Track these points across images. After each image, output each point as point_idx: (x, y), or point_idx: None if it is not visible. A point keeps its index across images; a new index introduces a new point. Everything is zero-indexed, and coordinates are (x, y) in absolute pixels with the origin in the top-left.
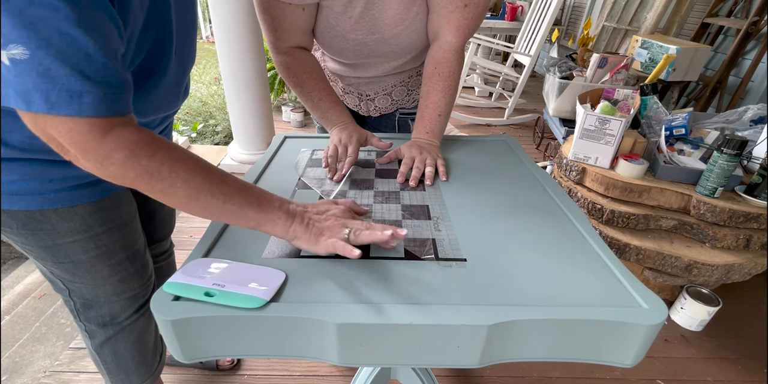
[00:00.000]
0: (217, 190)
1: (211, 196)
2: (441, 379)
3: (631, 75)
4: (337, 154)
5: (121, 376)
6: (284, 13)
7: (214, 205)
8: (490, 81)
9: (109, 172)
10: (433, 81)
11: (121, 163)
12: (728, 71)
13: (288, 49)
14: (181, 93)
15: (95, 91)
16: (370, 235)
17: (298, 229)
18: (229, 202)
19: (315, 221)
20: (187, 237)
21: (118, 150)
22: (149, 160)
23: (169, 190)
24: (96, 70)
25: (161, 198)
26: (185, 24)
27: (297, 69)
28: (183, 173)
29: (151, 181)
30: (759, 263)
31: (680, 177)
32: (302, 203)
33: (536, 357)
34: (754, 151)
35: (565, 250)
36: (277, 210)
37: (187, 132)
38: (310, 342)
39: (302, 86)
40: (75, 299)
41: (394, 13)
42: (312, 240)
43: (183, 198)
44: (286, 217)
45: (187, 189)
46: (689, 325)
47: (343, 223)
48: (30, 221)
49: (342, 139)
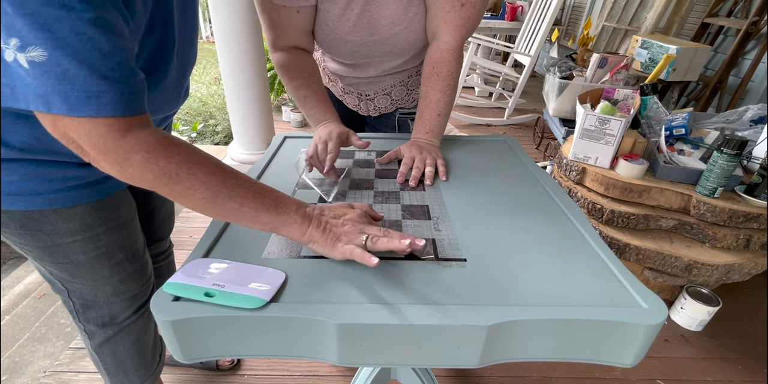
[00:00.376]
0: (235, 193)
1: (229, 199)
2: (441, 379)
3: (631, 75)
4: (317, 153)
5: (120, 376)
6: (280, 15)
7: (231, 207)
8: (490, 81)
9: (128, 174)
10: (431, 81)
11: (140, 165)
12: (728, 71)
13: (285, 47)
14: (181, 95)
15: (113, 90)
16: (388, 242)
17: (314, 233)
18: (246, 205)
19: (332, 226)
20: (187, 237)
21: (136, 151)
22: (167, 162)
23: (187, 192)
24: (112, 69)
25: (179, 200)
26: (187, 27)
27: (290, 67)
28: (202, 176)
29: (170, 183)
30: (759, 263)
31: (680, 177)
32: (319, 206)
33: (536, 357)
34: (754, 151)
35: (565, 250)
36: (294, 213)
37: (187, 132)
38: (310, 342)
39: (292, 84)
40: (74, 300)
41: (392, 14)
42: (329, 245)
43: (201, 200)
44: (302, 221)
45: (206, 191)
46: (689, 325)
47: (361, 229)
48: (29, 222)
49: (322, 137)
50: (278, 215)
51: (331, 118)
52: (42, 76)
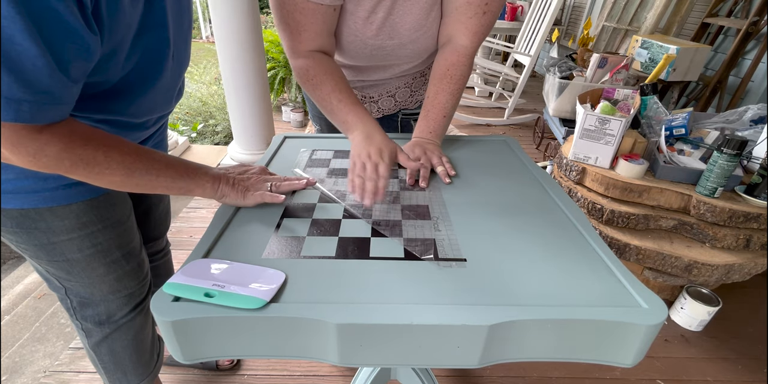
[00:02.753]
0: (151, 166)
1: (145, 172)
2: (441, 379)
3: (631, 75)
4: (364, 172)
5: (118, 375)
6: (306, 16)
7: (148, 179)
8: (490, 81)
9: (41, 164)
10: (444, 83)
11: (55, 155)
12: (728, 71)
13: (308, 53)
14: (175, 95)
15: (35, 100)
16: (289, 184)
17: (224, 189)
18: (162, 176)
19: (239, 180)
20: (187, 237)
21: (52, 144)
22: (84, 149)
23: (105, 172)
24: (40, 79)
25: (95, 181)
26: (181, 28)
27: (316, 71)
28: (117, 156)
29: (87, 167)
30: (759, 263)
31: (680, 177)
32: (223, 167)
33: (536, 357)
34: (754, 151)
35: (565, 250)
36: (204, 175)
37: (187, 132)
38: (310, 342)
39: (321, 89)
40: (71, 297)
41: (414, 19)
42: (240, 196)
43: (119, 177)
44: (213, 181)
45: (123, 169)
46: (689, 325)
47: (264, 178)
48: (25, 220)
49: (372, 155)
50: (191, 179)
51: (371, 125)
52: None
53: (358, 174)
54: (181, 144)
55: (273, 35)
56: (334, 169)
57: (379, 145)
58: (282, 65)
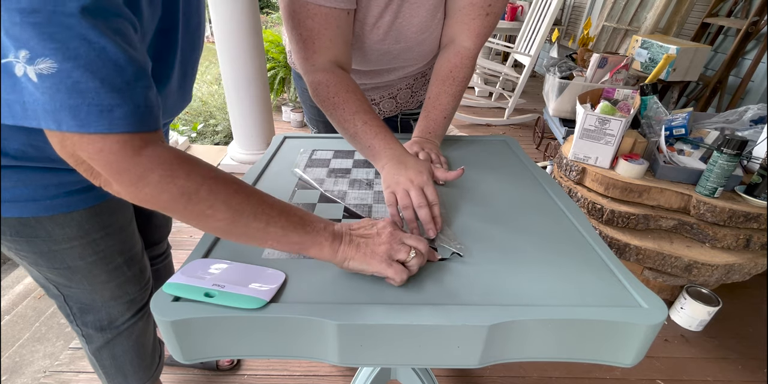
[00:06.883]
0: (260, 211)
1: (253, 218)
2: (441, 379)
3: (631, 75)
4: (413, 201)
5: (119, 379)
6: (320, 23)
7: (256, 227)
8: (490, 81)
9: (143, 195)
10: (446, 84)
11: (157, 184)
12: (728, 71)
13: (326, 64)
14: (184, 99)
15: (126, 104)
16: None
17: (348, 251)
18: (273, 225)
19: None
20: (187, 237)
21: (153, 170)
22: (186, 180)
23: (207, 212)
24: (127, 81)
25: (196, 222)
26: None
27: (338, 88)
28: (223, 194)
29: (189, 203)
30: (759, 263)
31: (680, 177)
32: (346, 223)
33: (536, 357)
34: (754, 151)
35: (565, 250)
36: (323, 231)
37: (187, 132)
38: (310, 342)
39: (344, 109)
40: (71, 304)
41: (420, 22)
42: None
43: (222, 221)
44: (333, 239)
45: (227, 211)
46: (689, 325)
47: (399, 238)
48: (24, 228)
49: (413, 179)
50: (307, 234)
51: (397, 147)
52: (51, 90)
53: (405, 205)
54: (181, 144)
55: (273, 35)
56: (333, 169)
57: (416, 167)
58: (282, 65)
